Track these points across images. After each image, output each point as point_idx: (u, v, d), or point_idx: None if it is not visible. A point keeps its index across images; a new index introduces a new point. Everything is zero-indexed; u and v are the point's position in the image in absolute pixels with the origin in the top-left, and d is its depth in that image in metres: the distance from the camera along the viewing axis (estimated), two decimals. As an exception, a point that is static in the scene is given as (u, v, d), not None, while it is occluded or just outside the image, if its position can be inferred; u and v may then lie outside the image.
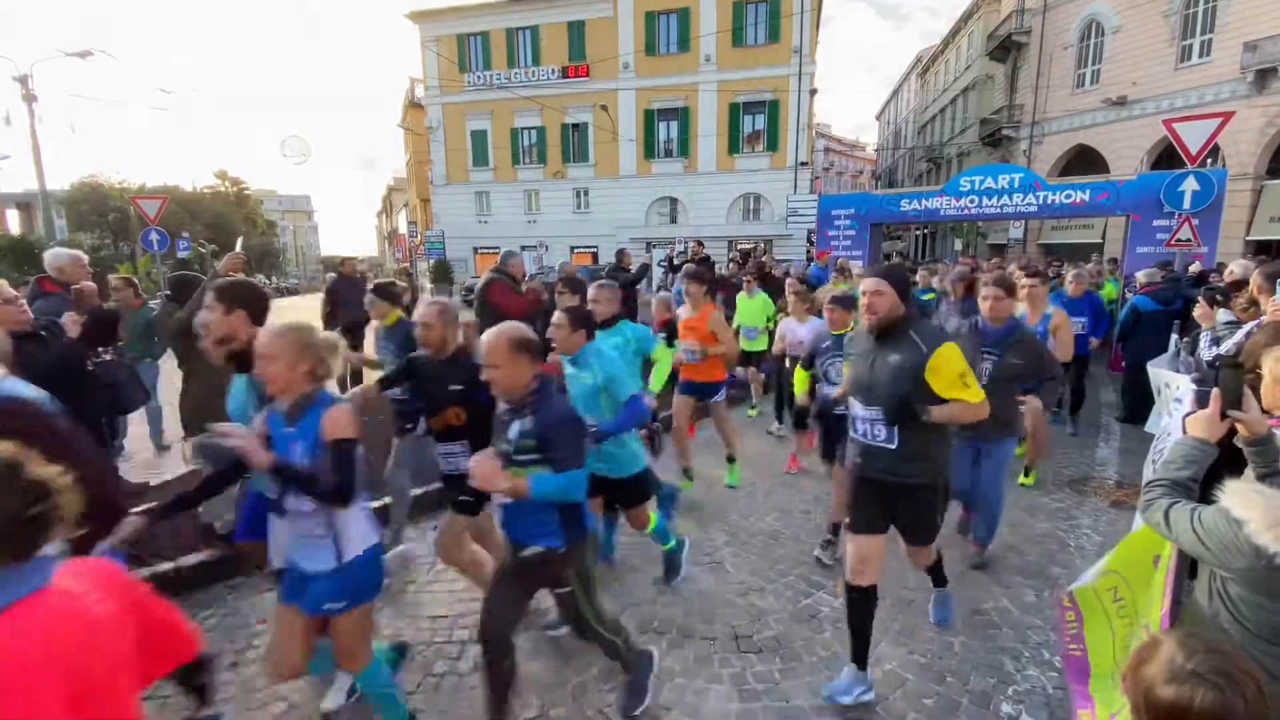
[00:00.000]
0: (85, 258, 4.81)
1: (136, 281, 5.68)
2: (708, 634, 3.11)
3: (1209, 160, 11.11)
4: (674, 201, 26.40)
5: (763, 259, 10.95)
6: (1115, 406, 7.10)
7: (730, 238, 23.38)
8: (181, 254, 25.01)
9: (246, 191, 50.78)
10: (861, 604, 2.55)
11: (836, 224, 12.85)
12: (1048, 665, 2.86)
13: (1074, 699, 2.17)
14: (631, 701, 2.52)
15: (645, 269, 8.92)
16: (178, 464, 5.09)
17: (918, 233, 34.85)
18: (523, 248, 22.89)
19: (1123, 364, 6.90)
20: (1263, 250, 15.55)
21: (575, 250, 25.89)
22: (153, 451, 5.76)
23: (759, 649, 3.00)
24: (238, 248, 4.08)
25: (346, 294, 6.88)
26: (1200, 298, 4.11)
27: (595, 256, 25.12)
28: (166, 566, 3.47)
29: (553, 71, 26.15)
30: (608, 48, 25.20)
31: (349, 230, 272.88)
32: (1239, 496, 1.36)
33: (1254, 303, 3.56)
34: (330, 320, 6.90)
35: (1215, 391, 1.69)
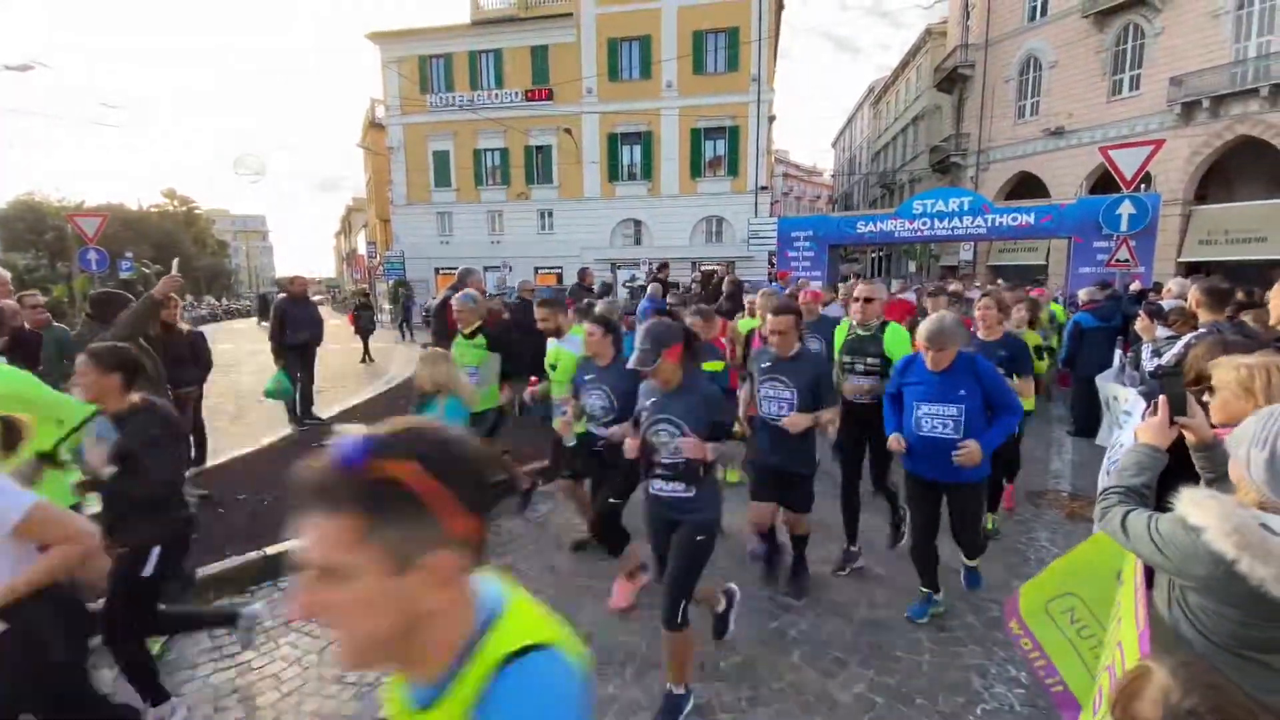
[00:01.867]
0: (7, 275, 4.50)
1: (43, 300, 5.29)
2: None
3: (1142, 185, 11.79)
4: (638, 224, 26.60)
5: (728, 278, 11.03)
6: (1066, 420, 7.32)
7: (694, 259, 23.63)
8: (124, 274, 23.95)
9: (197, 211, 49.22)
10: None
11: (796, 245, 13.11)
12: (1014, 682, 2.84)
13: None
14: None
15: (607, 288, 8.90)
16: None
17: (873, 255, 35.90)
18: (486, 268, 22.80)
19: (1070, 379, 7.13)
20: (1194, 270, 16.46)
21: (540, 271, 25.76)
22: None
23: (725, 677, 2.90)
24: (174, 269, 3.94)
25: (295, 314, 6.61)
26: (1141, 312, 4.28)
27: (560, 277, 25.01)
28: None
29: (516, 94, 26.23)
30: (571, 72, 25.45)
31: (306, 251, 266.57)
32: (1195, 504, 1.34)
33: (1192, 316, 3.71)
34: (278, 341, 6.62)
35: (1162, 399, 1.71)
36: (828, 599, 3.57)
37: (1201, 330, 3.35)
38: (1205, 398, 1.91)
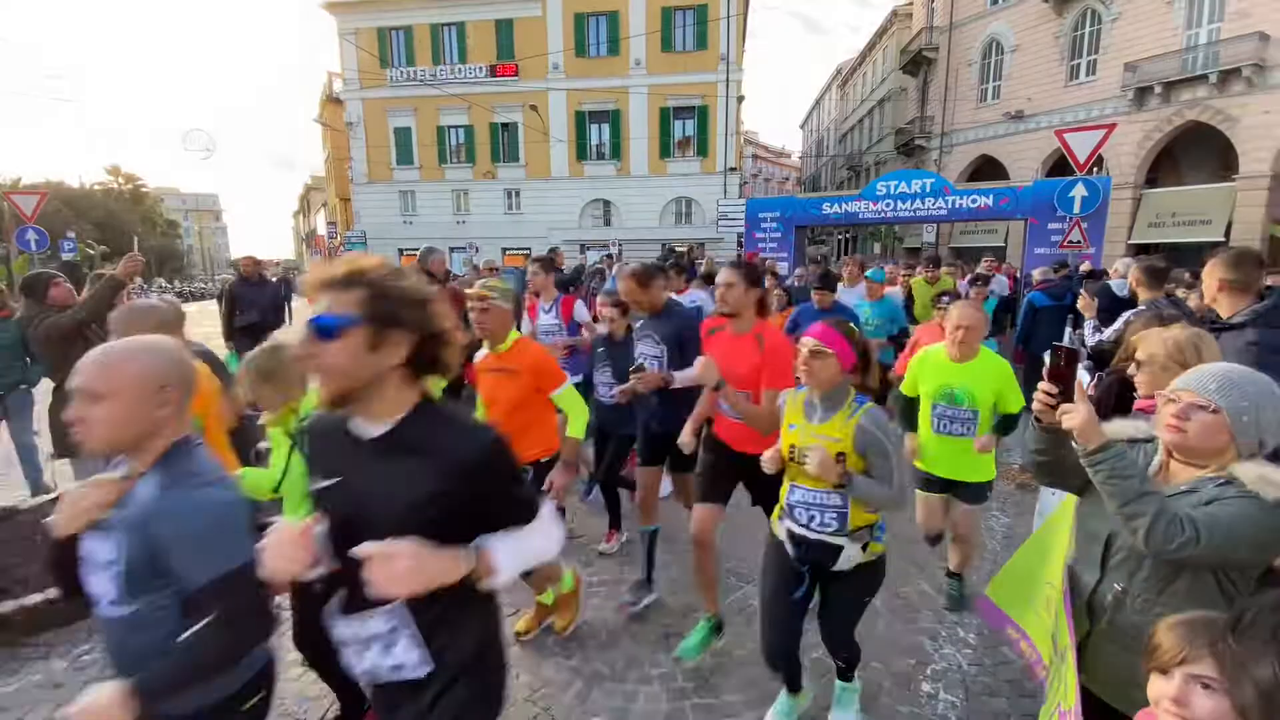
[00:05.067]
0: None
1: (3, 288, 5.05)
2: (638, 634, 3.07)
3: (1095, 169, 12.18)
4: (607, 204, 26.37)
5: (696, 258, 11.08)
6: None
7: (663, 240, 23.58)
8: (66, 255, 22.75)
9: (144, 189, 47.04)
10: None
11: (763, 226, 13.20)
12: (963, 643, 2.98)
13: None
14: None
15: (580, 270, 8.86)
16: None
17: (840, 237, 36.34)
18: (451, 249, 22.43)
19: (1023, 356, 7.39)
20: (1142, 252, 17.12)
21: (508, 252, 25.41)
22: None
23: (689, 646, 2.97)
24: (135, 249, 3.90)
25: (246, 295, 6.44)
26: (1082, 290, 4.47)
27: (528, 258, 24.72)
28: (38, 598, 3.10)
29: (480, 70, 25.56)
30: (536, 47, 24.90)
31: (263, 231, 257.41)
32: (1268, 481, 1.33)
33: (1132, 294, 3.88)
34: (228, 323, 6.44)
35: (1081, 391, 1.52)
36: (789, 570, 3.67)
37: (1140, 308, 3.51)
38: (1131, 370, 2.00)
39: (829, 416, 2.14)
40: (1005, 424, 3.15)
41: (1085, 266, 7.87)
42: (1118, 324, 3.51)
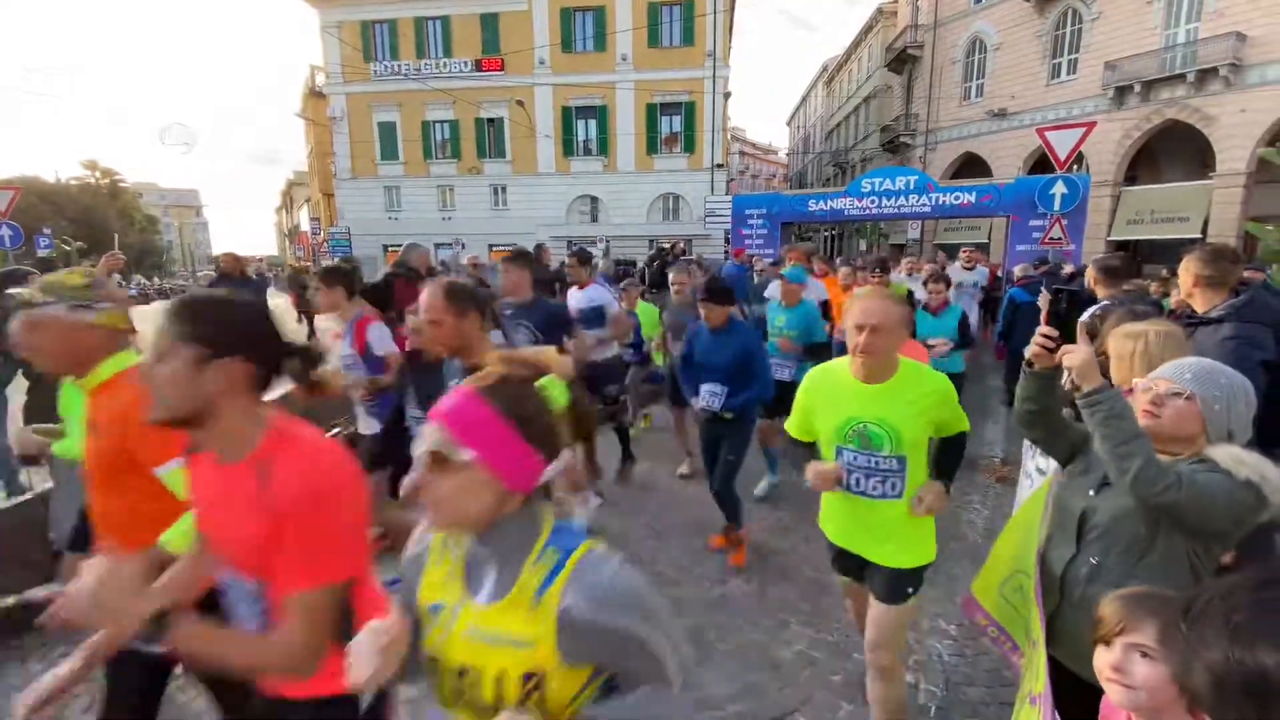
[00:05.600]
0: None
1: None
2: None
3: (1075, 167, 12.34)
4: (594, 200, 26.31)
5: (682, 252, 11.08)
6: (1000, 391, 7.69)
7: (651, 237, 23.58)
8: (42, 252, 22.30)
9: (122, 184, 46.18)
10: None
11: (750, 223, 13.24)
12: (943, 634, 3.02)
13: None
14: None
15: (564, 266, 8.82)
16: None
17: (826, 234, 36.55)
18: (437, 245, 22.25)
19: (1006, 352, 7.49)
20: (1121, 248, 17.39)
21: (494, 248, 25.25)
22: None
23: (675, 640, 2.99)
24: (115, 245, 3.86)
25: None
26: (1043, 288, 4.61)
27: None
28: (10, 601, 3.05)
29: (465, 64, 25.36)
30: (522, 42, 24.74)
31: (245, 227, 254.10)
32: (1240, 462, 1.39)
33: (1090, 294, 4.03)
34: None
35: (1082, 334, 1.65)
36: (774, 563, 3.71)
37: (1105, 303, 3.59)
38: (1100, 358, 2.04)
39: (501, 591, 0.97)
40: (945, 458, 2.17)
41: (1068, 268, 7.98)
42: (1084, 317, 3.61)
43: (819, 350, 4.58)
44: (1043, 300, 1.60)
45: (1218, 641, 0.68)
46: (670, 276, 5.25)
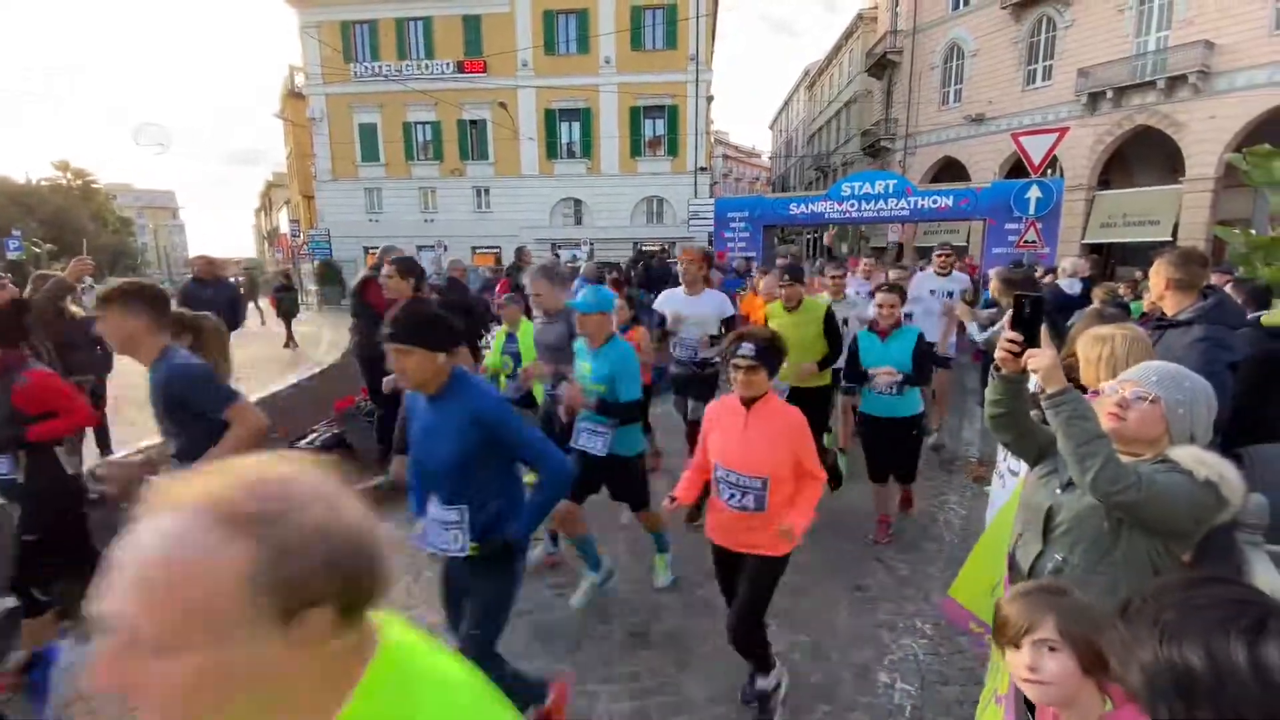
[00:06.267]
0: None
1: None
2: (605, 634, 3.07)
3: (1049, 171, 12.57)
4: (578, 203, 26.27)
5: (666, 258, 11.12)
6: (977, 393, 7.81)
7: (635, 240, 23.59)
8: (12, 254, 21.81)
9: (94, 185, 45.24)
10: None
11: (732, 226, 13.30)
12: (919, 634, 3.05)
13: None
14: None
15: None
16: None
17: (809, 236, 36.84)
18: (420, 248, 22.06)
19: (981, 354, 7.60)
20: (1095, 251, 17.74)
21: (477, 251, 25.12)
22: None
23: (654, 645, 2.99)
24: (84, 249, 3.94)
25: (200, 295, 6.25)
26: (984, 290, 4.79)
27: (498, 257, 24.48)
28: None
29: (447, 66, 25.21)
30: (505, 44, 24.66)
31: (224, 229, 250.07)
32: (1202, 462, 1.43)
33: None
34: None
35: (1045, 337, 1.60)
36: (753, 567, 3.72)
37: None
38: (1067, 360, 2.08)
39: None
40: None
41: (1040, 272, 8.12)
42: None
43: (626, 412, 3.09)
44: (995, 290, 1.66)
45: (1148, 640, 0.70)
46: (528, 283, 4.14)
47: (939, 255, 6.09)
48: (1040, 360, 1.52)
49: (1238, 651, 0.65)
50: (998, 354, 1.63)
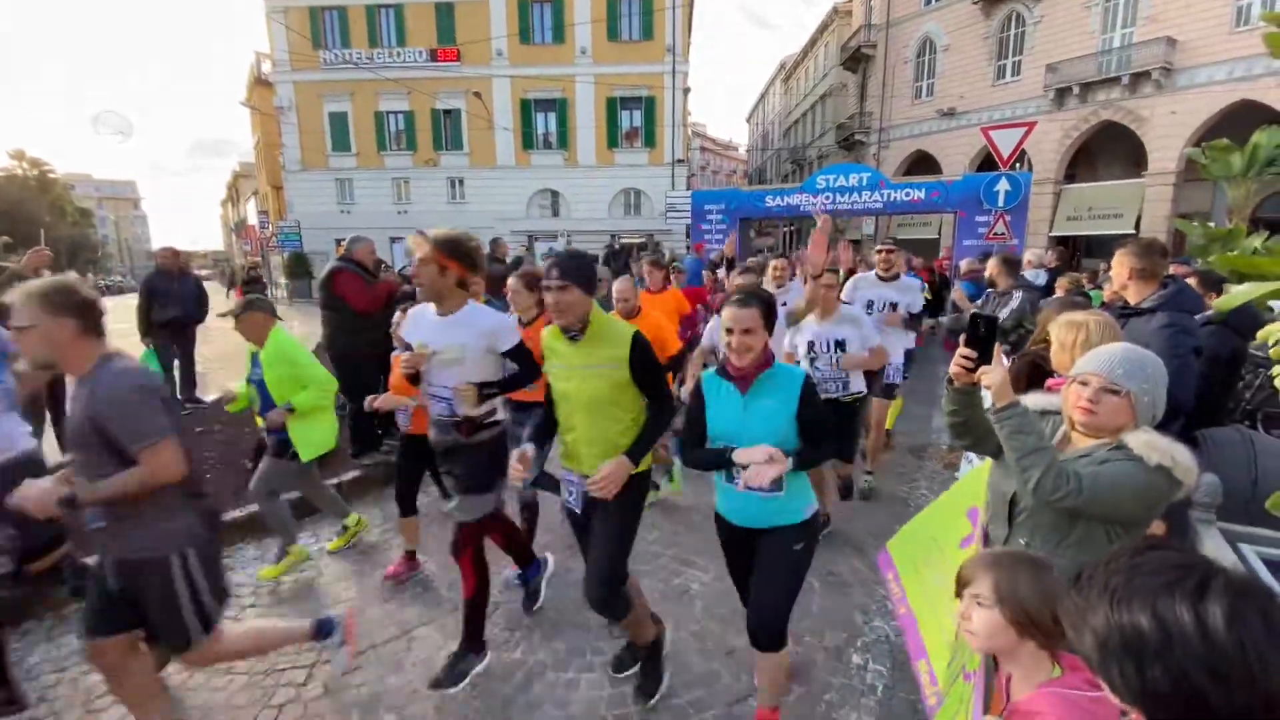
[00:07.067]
0: None
1: None
2: (581, 623, 3.08)
3: (1018, 165, 12.83)
4: (555, 194, 26.06)
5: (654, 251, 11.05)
6: (948, 382, 7.97)
7: (612, 232, 23.50)
8: (-37, 246, 20.98)
9: (51, 175, 43.61)
10: None
11: (709, 218, 13.33)
12: (891, 615, 3.11)
13: (911, 651, 2.37)
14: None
15: (519, 261, 8.69)
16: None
17: (785, 229, 37.08)
18: (393, 239, 21.58)
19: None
20: (1062, 243, 18.16)
21: (451, 243, 24.79)
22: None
23: (631, 632, 3.00)
24: (42, 240, 3.75)
25: (163, 288, 6.14)
26: (955, 282, 4.94)
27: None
28: None
29: (420, 54, 24.76)
30: (479, 32, 24.29)
31: (189, 220, 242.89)
32: (1153, 447, 1.49)
33: (992, 283, 4.56)
34: (145, 318, 6.11)
35: (998, 353, 1.70)
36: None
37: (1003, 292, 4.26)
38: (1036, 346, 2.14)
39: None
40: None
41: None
42: (1013, 304, 3.99)
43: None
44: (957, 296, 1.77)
45: (1099, 606, 0.73)
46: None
47: (881, 250, 4.56)
48: (992, 377, 1.65)
49: (1183, 612, 0.68)
50: (952, 368, 1.73)
